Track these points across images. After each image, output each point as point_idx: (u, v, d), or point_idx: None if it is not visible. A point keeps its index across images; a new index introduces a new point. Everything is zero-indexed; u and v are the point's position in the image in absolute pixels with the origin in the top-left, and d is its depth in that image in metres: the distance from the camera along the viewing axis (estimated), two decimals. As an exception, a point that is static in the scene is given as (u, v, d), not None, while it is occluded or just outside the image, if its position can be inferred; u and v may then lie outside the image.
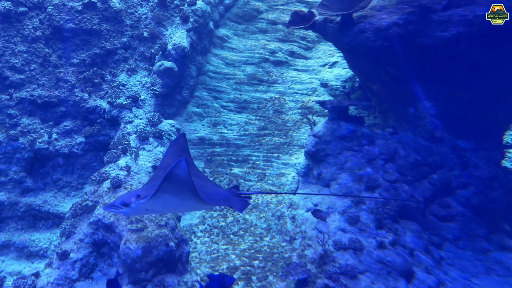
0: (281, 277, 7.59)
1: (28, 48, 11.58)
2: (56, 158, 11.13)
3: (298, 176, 10.71)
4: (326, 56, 14.00)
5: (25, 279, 7.37)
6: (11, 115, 10.96)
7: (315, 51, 14.45)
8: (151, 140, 10.62)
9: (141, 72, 12.61)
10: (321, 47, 14.39)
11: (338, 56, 13.33)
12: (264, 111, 12.82)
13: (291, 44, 14.51)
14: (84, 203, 8.85)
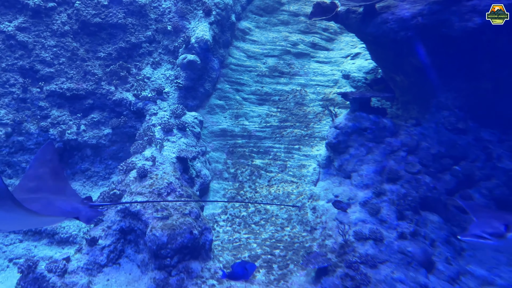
0: (302, 266, 7.74)
1: (57, 42, 11.99)
2: (84, 148, 11.54)
3: (319, 167, 10.79)
4: (349, 47, 13.94)
5: (56, 263, 7.74)
6: (42, 107, 11.42)
7: (337, 43, 14.40)
8: (175, 131, 10.88)
9: (165, 65, 12.87)
10: (344, 38, 14.33)
11: (361, 47, 13.26)
12: (285, 103, 12.91)
13: (313, 36, 14.49)
14: (111, 192, 9.18)
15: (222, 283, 7.61)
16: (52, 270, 7.56)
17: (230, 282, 7.65)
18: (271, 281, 7.70)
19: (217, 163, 11.68)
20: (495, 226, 4.44)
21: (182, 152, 10.06)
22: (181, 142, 10.64)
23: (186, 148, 10.44)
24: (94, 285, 7.73)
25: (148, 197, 8.57)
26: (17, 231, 9.83)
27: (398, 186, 8.11)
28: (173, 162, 9.81)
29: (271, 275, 7.90)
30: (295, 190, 10.61)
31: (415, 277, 6.30)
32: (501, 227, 4.41)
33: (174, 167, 9.66)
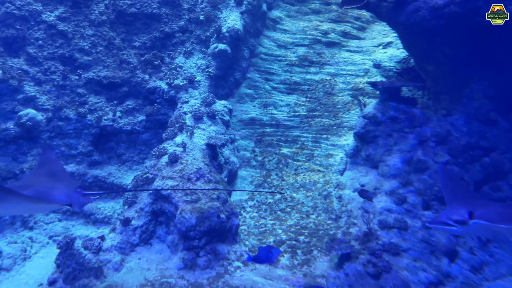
0: (325, 252, 7.88)
1: (95, 31, 12.51)
2: (119, 134, 12.04)
3: (346, 157, 10.82)
4: (381, 36, 13.74)
5: (92, 241, 8.23)
6: (80, 94, 11.99)
7: (369, 32, 14.22)
8: (205, 119, 11.17)
9: (197, 54, 13.15)
10: (376, 27, 14.12)
11: (393, 36, 13.04)
12: (314, 93, 12.93)
13: (344, 25, 14.37)
14: (144, 176, 9.60)
15: (247, 265, 7.87)
16: (88, 247, 8.04)
17: (255, 264, 7.91)
18: (294, 265, 7.89)
19: (245, 151, 11.92)
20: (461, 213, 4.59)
21: (212, 139, 10.35)
22: (210, 129, 10.92)
23: (215, 135, 10.72)
24: (126, 263, 8.17)
25: (178, 182, 8.92)
26: (57, 210, 10.46)
27: (426, 177, 8.06)
28: (202, 148, 10.11)
29: (295, 260, 8.09)
30: (321, 179, 10.71)
31: (437, 265, 6.30)
32: (466, 214, 4.55)
33: (204, 154, 9.96)
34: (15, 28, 11.88)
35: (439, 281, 6.16)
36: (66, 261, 7.58)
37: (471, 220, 4.48)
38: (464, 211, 4.58)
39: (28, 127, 10.72)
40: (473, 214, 4.51)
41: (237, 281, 7.35)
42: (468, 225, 4.49)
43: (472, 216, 4.51)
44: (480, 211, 4.53)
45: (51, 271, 7.70)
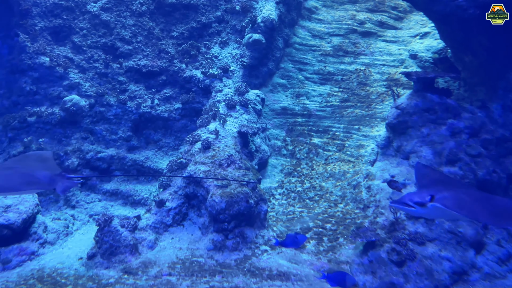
0: (351, 239, 7.98)
1: (135, 21, 13.04)
2: (157, 121, 12.56)
3: (377, 148, 10.77)
4: (418, 26, 13.43)
5: (128, 220, 8.73)
6: (121, 81, 12.59)
7: (406, 21, 13.93)
8: (238, 108, 11.44)
9: (232, 44, 13.41)
10: (413, 17, 13.81)
11: (431, 26, 12.72)
12: (348, 83, 12.88)
13: (381, 14, 14.14)
14: (179, 161, 10.03)
15: (274, 249, 8.12)
16: (125, 225, 8.55)
17: (281, 248, 8.14)
18: (320, 251, 8.05)
19: (277, 140, 12.10)
20: (422, 196, 4.70)
21: (243, 128, 10.60)
22: (243, 118, 11.18)
23: (247, 124, 10.97)
24: (160, 241, 8.64)
25: (210, 167, 9.26)
26: (97, 191, 11.12)
27: (456, 168, 7.93)
28: (234, 136, 10.39)
29: (321, 246, 8.24)
30: (351, 169, 10.74)
31: (462, 256, 6.26)
32: (427, 197, 4.65)
33: (235, 141, 10.24)
34: (62, 18, 12.61)
35: (463, 271, 6.13)
36: (104, 238, 8.11)
37: (430, 203, 4.58)
38: (426, 194, 4.69)
39: (72, 112, 11.42)
40: (433, 197, 4.61)
41: (264, 263, 7.61)
42: (426, 207, 4.62)
43: (432, 199, 4.61)
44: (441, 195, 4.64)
45: (90, 247, 8.28)
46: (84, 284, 6.99)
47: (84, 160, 11.23)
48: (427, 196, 4.69)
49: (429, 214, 4.81)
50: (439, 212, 4.68)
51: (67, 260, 8.10)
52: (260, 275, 7.15)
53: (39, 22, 12.34)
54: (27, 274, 7.59)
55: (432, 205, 4.60)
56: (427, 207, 4.64)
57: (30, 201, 8.84)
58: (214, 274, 7.20)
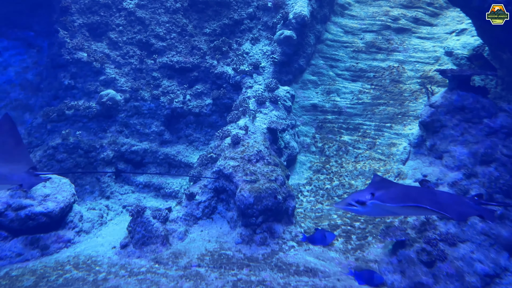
0: (380, 238, 7.89)
1: (169, 18, 13.31)
2: (188, 116, 12.81)
3: (409, 146, 10.56)
4: (454, 23, 13.03)
5: (160, 211, 8.98)
6: (155, 77, 12.90)
7: (442, 18, 13.54)
8: (268, 104, 11.50)
9: (263, 41, 13.46)
10: (449, 13, 13.42)
11: (468, 23, 12.32)
12: (380, 80, 12.68)
13: (415, 11, 13.81)
14: (209, 155, 10.20)
15: (301, 245, 8.14)
16: (156, 217, 8.79)
17: (309, 245, 8.15)
18: (348, 249, 8.01)
19: (306, 136, 12.08)
20: (364, 195, 4.80)
21: (273, 124, 10.65)
22: (272, 114, 11.23)
23: (276, 120, 11.01)
24: (189, 233, 8.83)
25: (239, 162, 9.37)
26: (130, 183, 11.47)
27: (492, 169, 7.68)
28: (263, 132, 10.46)
29: (349, 244, 8.20)
30: (382, 168, 10.59)
31: (495, 258, 6.08)
32: (367, 195, 4.75)
33: (264, 137, 10.31)
34: (99, 14, 13.03)
35: (496, 274, 5.96)
36: (137, 228, 8.38)
37: (370, 201, 4.69)
38: (368, 193, 4.80)
39: (108, 106, 11.81)
40: (373, 195, 4.72)
41: (291, 259, 7.65)
42: (367, 205, 4.72)
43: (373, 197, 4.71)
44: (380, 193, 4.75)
45: (123, 236, 8.57)
46: (116, 272, 7.25)
47: (119, 152, 11.61)
48: (368, 194, 4.79)
49: (370, 211, 4.90)
50: (377, 208, 4.78)
51: (101, 249, 8.43)
52: (287, 270, 7.20)
53: (78, 19, 12.81)
54: (63, 260, 7.95)
55: (372, 202, 4.71)
56: (368, 205, 4.75)
57: (67, 191, 9.24)
58: (241, 267, 7.31)
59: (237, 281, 6.70)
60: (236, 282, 6.68)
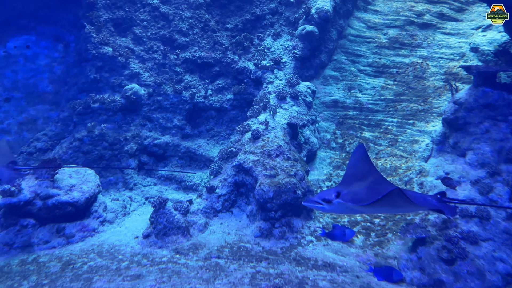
0: (400, 235, 7.86)
1: (192, 14, 13.46)
2: (209, 111, 12.96)
3: (432, 144, 10.43)
4: (480, 18, 12.71)
5: (181, 203, 9.15)
6: (177, 72, 13.09)
7: (468, 13, 13.23)
8: (288, 99, 11.52)
9: (284, 36, 13.47)
10: (476, 9, 13.09)
11: (496, 17, 12.00)
12: (404, 76, 12.51)
13: (441, 6, 13.54)
14: (229, 149, 10.32)
15: (320, 240, 8.18)
16: (178, 208, 8.97)
17: (327, 240, 8.18)
18: (367, 245, 8.00)
19: (326, 132, 12.05)
20: (331, 193, 4.94)
21: (293, 119, 10.68)
22: (293, 109, 11.25)
23: (297, 115, 11.03)
24: (209, 226, 8.98)
25: (259, 157, 9.45)
26: (153, 176, 11.72)
27: (517, 168, 7.54)
28: (283, 127, 10.50)
29: (368, 240, 8.19)
30: (403, 165, 10.49)
31: (518, 258, 6.01)
32: (334, 194, 4.89)
33: (284, 132, 10.35)
34: (124, 10, 13.29)
35: (518, 273, 5.88)
36: (159, 219, 8.57)
37: (335, 199, 4.81)
38: (334, 191, 4.95)
39: (132, 100, 12.06)
40: (339, 194, 4.84)
41: (309, 253, 7.70)
42: (332, 204, 4.84)
43: (338, 195, 4.83)
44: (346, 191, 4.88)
45: (146, 227, 8.78)
46: (139, 261, 7.46)
47: (142, 146, 11.86)
48: (334, 193, 4.90)
49: (335, 209, 5.03)
50: (342, 207, 4.88)
51: (124, 238, 8.66)
52: (306, 264, 7.25)
53: (104, 14, 13.09)
54: (88, 248, 8.22)
55: (337, 201, 4.82)
56: (333, 203, 4.86)
57: (92, 182, 9.52)
58: (260, 260, 7.40)
59: (255, 273, 6.80)
60: (254, 274, 6.78)
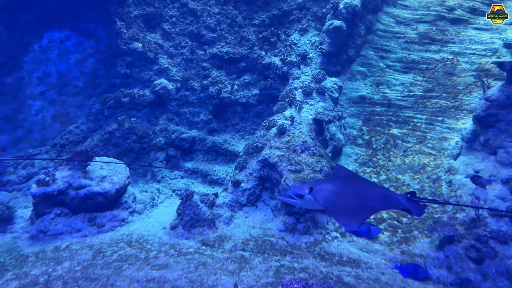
0: (427, 233, 7.76)
1: (220, 10, 13.58)
2: (235, 106, 13.08)
3: (462, 141, 10.20)
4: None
5: (207, 196, 9.32)
6: (205, 67, 13.26)
7: (503, 7, 12.80)
8: (314, 95, 11.49)
9: (311, 31, 13.41)
10: (510, 3, 12.63)
11: (532, 12, 11.59)
12: (433, 72, 12.26)
13: (473, 0, 13.16)
14: (254, 144, 10.41)
15: (345, 236, 8.17)
16: (204, 201, 9.14)
17: (352, 237, 8.16)
18: (393, 242, 7.94)
19: (352, 129, 11.97)
20: (303, 189, 5.04)
21: (319, 115, 10.66)
22: (319, 105, 11.23)
23: (323, 111, 11.00)
24: (235, 219, 9.11)
25: (284, 152, 9.50)
26: (180, 169, 11.95)
27: (551, 167, 7.31)
28: (309, 123, 10.50)
29: (394, 237, 8.12)
30: (431, 163, 10.31)
31: (551, 259, 5.83)
32: (306, 190, 4.98)
33: (310, 128, 10.35)
34: (154, 6, 13.55)
35: (550, 275, 5.72)
36: (186, 211, 8.76)
37: (307, 195, 4.91)
38: (308, 187, 5.06)
39: (160, 94, 12.32)
40: (311, 190, 4.96)
41: (334, 249, 7.71)
42: (304, 199, 4.95)
43: (311, 191, 4.92)
44: (317, 188, 4.97)
45: (173, 218, 9.00)
46: (166, 250, 7.66)
47: (170, 139, 12.11)
48: (307, 189, 5.01)
49: (306, 204, 5.14)
50: (312, 202, 4.98)
51: (152, 229, 8.90)
52: (330, 260, 7.27)
53: (134, 10, 13.38)
54: (118, 238, 8.49)
55: (308, 197, 4.92)
56: (305, 198, 4.96)
57: (122, 173, 9.81)
58: (285, 254, 7.47)
59: (280, 267, 6.87)
60: (279, 267, 6.85)
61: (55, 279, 6.57)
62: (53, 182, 9.02)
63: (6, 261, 7.57)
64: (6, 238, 8.92)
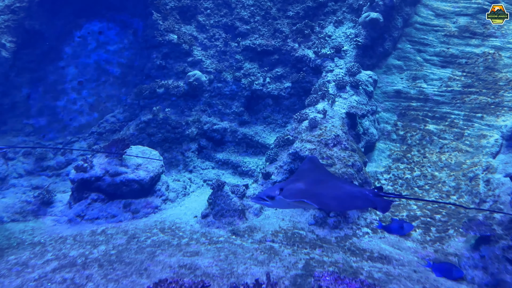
0: (462, 232, 7.55)
1: (254, 1, 13.57)
2: (267, 98, 13.09)
3: (502, 139, 9.82)
4: None
5: (238, 187, 9.40)
6: (237, 59, 13.32)
7: (551, -1, 12.16)
8: (348, 89, 11.33)
9: (347, 23, 13.19)
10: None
11: None
12: (473, 67, 11.82)
13: (520, -8, 12.55)
14: (285, 137, 10.40)
15: (376, 232, 8.07)
16: (234, 192, 9.24)
17: (384, 233, 8.05)
18: (426, 240, 7.77)
19: (386, 123, 11.74)
20: (274, 190, 5.08)
21: (352, 109, 10.51)
22: (352, 99, 11.07)
23: (356, 105, 10.83)
24: (264, 211, 9.15)
25: (316, 146, 9.44)
26: (211, 160, 12.10)
27: None
28: (342, 117, 10.38)
29: (427, 236, 7.94)
30: (468, 161, 9.98)
31: None
32: (277, 191, 5.02)
33: (343, 122, 10.23)
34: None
35: None
36: (217, 201, 8.89)
37: (278, 196, 4.96)
38: (278, 187, 5.11)
39: (194, 86, 12.49)
40: (281, 190, 5.01)
41: (365, 245, 7.63)
42: (275, 200, 4.99)
43: (280, 192, 4.99)
44: (288, 187, 5.03)
45: (204, 207, 9.15)
46: (198, 238, 7.82)
47: (202, 130, 12.28)
48: (277, 189, 5.02)
49: (277, 205, 5.15)
50: (282, 202, 4.98)
51: (184, 217, 9.10)
52: (361, 255, 7.21)
53: (170, 2, 13.57)
54: (151, 224, 8.74)
55: (278, 197, 4.92)
56: (276, 199, 4.96)
57: (156, 162, 10.05)
58: (314, 247, 7.46)
59: (309, 260, 6.88)
60: (308, 260, 6.86)
61: (91, 261, 6.84)
62: (90, 169, 9.36)
63: (47, 242, 7.95)
64: (46, 221, 9.36)
